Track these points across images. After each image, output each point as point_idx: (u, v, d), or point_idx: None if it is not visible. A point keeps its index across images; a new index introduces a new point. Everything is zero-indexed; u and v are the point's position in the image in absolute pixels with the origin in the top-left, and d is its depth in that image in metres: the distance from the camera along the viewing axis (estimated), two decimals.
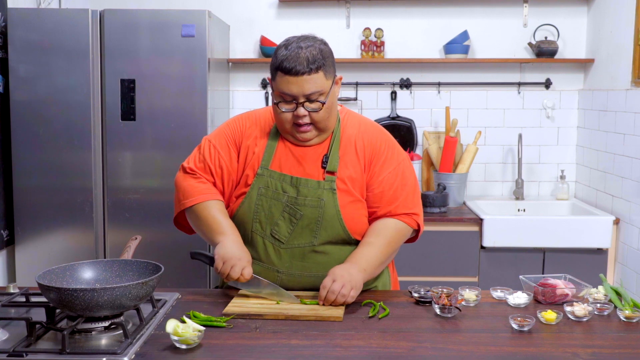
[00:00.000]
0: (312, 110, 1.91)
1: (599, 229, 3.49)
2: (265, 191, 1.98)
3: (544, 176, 4.16)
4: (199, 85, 3.30)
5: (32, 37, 3.23)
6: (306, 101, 1.89)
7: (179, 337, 1.56)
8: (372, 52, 4.01)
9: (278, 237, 1.99)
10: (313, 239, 1.98)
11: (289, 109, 1.91)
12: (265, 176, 1.99)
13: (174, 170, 2.17)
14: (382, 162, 2.02)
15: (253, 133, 2.05)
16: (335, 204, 1.96)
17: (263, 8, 4.11)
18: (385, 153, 2.03)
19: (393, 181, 2.02)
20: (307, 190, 1.96)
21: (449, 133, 3.93)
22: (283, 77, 1.87)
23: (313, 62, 1.87)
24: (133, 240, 2.07)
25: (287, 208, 1.97)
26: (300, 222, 1.97)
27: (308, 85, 1.87)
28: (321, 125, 1.95)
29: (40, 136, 3.28)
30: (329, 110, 1.94)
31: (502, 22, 4.07)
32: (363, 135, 2.04)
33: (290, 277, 2.00)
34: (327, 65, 1.91)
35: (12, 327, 1.69)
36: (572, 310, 1.80)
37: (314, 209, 1.96)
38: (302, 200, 1.96)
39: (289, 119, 1.93)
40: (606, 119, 3.68)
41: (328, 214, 1.96)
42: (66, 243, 3.34)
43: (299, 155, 2.01)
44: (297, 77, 1.86)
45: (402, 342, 1.64)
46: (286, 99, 1.90)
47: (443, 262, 3.54)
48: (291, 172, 1.99)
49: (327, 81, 1.91)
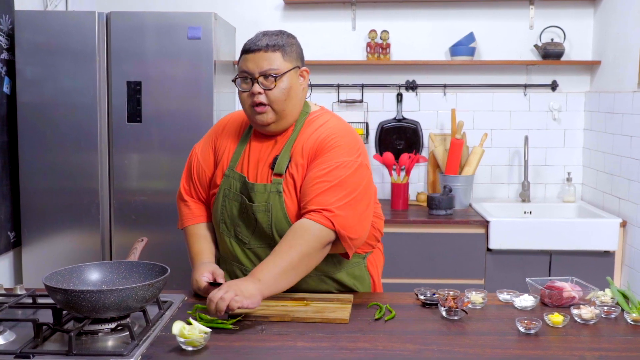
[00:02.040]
0: (266, 88, 1.92)
1: (606, 231, 3.48)
2: (228, 192, 2.03)
3: (550, 178, 4.15)
4: (204, 87, 3.31)
5: (39, 40, 3.25)
6: (261, 77, 1.92)
7: (185, 338, 1.56)
8: (377, 54, 4.01)
9: (241, 238, 2.02)
10: (271, 241, 1.97)
11: (246, 88, 1.95)
12: (230, 177, 2.03)
13: (180, 173, 2.22)
14: (320, 161, 1.92)
15: (228, 132, 2.11)
16: (282, 207, 1.94)
17: (269, 10, 4.11)
18: (328, 154, 1.92)
19: (318, 177, 1.89)
20: (255, 195, 1.96)
21: (455, 135, 3.93)
22: (244, 56, 1.95)
23: (272, 42, 1.93)
24: (139, 242, 2.08)
25: (243, 214, 2.00)
26: (257, 223, 1.97)
27: (263, 62, 1.91)
28: (276, 106, 1.94)
29: (47, 138, 3.29)
30: (285, 93, 1.94)
31: (508, 24, 4.07)
32: (316, 135, 1.97)
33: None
34: (287, 51, 1.95)
35: (19, 328, 1.70)
36: (579, 313, 1.80)
37: (263, 213, 1.95)
38: (252, 206, 1.97)
39: (247, 101, 1.96)
40: (613, 121, 3.67)
41: (276, 217, 1.94)
42: (73, 245, 3.34)
43: (259, 158, 2.01)
44: (254, 54, 1.92)
45: (408, 344, 1.64)
46: (244, 77, 1.95)
47: (449, 264, 3.53)
48: (248, 175, 2.01)
49: (285, 62, 1.94)
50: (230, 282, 1.77)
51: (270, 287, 1.78)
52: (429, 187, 4.13)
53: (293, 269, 1.82)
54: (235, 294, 1.70)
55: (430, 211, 3.67)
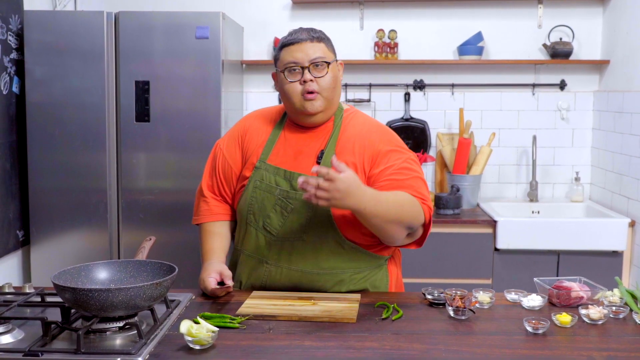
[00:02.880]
0: (318, 75, 1.96)
1: (614, 231, 3.47)
2: (260, 184, 2.03)
3: (558, 178, 4.14)
4: (212, 87, 3.31)
5: (47, 39, 3.26)
6: (311, 65, 1.96)
7: (192, 337, 1.57)
8: (385, 53, 4.01)
9: (269, 230, 2.01)
10: (303, 234, 1.98)
11: (295, 79, 1.97)
12: (261, 169, 2.04)
13: (188, 172, 2.23)
14: (386, 160, 1.98)
15: (257, 127, 2.12)
16: None
17: (277, 10, 4.11)
18: (389, 154, 1.99)
19: (401, 167, 1.95)
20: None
21: (463, 135, 3.92)
22: (287, 49, 1.98)
23: (315, 34, 1.99)
24: (147, 240, 2.09)
25: (279, 201, 2.00)
26: (291, 215, 1.98)
27: (311, 50, 1.96)
28: (327, 94, 1.98)
29: (56, 137, 3.31)
30: (334, 81, 2.00)
31: (517, 23, 4.05)
32: (364, 137, 2.02)
33: (277, 269, 2.02)
34: (328, 43, 2.02)
35: (27, 326, 1.71)
36: (587, 313, 1.79)
37: (305, 203, 1.95)
38: (294, 194, 1.98)
39: (297, 90, 1.97)
40: (622, 120, 3.66)
41: (318, 210, 1.96)
42: (81, 243, 3.36)
43: (297, 151, 2.03)
44: (301, 44, 1.96)
45: (416, 344, 1.64)
46: (292, 68, 1.97)
47: (457, 264, 3.53)
48: (286, 166, 2.02)
49: (329, 52, 2.00)
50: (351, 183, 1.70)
51: (364, 208, 1.75)
52: (437, 186, 4.12)
53: (384, 214, 1.80)
54: (340, 197, 1.69)
55: (438, 211, 3.66)
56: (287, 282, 2.03)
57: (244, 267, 2.10)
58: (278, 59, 2.02)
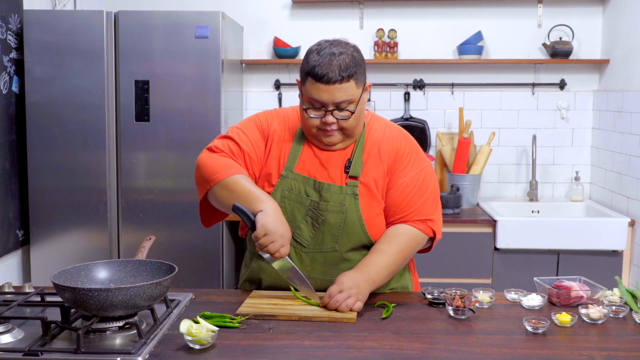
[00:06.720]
0: (341, 118, 1.89)
1: (614, 230, 3.46)
2: (288, 194, 1.97)
3: (558, 177, 4.14)
4: (212, 86, 3.31)
5: (47, 39, 3.26)
6: (335, 109, 1.88)
7: (192, 337, 1.57)
8: (385, 53, 4.01)
9: (300, 241, 1.98)
10: (335, 244, 1.97)
11: (317, 115, 1.90)
12: (289, 178, 1.98)
13: (188, 171, 2.20)
14: (404, 166, 2.00)
15: (280, 131, 2.03)
16: (357, 210, 1.96)
17: (276, 9, 4.11)
18: (408, 158, 2.01)
19: (412, 187, 1.99)
20: (330, 195, 1.95)
21: (463, 134, 3.92)
22: (314, 83, 1.85)
23: (345, 69, 1.84)
24: (147, 240, 2.08)
25: (309, 212, 1.96)
26: (322, 227, 1.96)
27: (339, 94, 1.85)
28: (348, 132, 1.94)
29: (55, 137, 3.31)
30: (357, 118, 1.93)
31: (516, 23, 4.05)
32: (388, 139, 2.02)
33: (311, 280, 1.95)
34: (359, 74, 1.89)
35: (27, 326, 1.71)
36: (587, 312, 1.79)
37: (336, 214, 1.95)
38: (325, 205, 1.95)
39: (316, 124, 1.91)
40: (622, 120, 3.66)
41: (350, 220, 1.95)
42: (81, 243, 3.36)
43: (323, 159, 1.99)
44: (328, 86, 1.83)
45: (416, 343, 1.64)
46: (315, 106, 1.89)
47: (456, 263, 3.53)
48: (315, 176, 1.98)
49: (357, 90, 1.88)
50: (351, 285, 1.85)
51: (375, 288, 1.93)
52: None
53: (393, 273, 1.98)
54: (357, 300, 1.83)
55: None
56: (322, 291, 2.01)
57: (269, 275, 2.02)
58: (303, 84, 1.89)
